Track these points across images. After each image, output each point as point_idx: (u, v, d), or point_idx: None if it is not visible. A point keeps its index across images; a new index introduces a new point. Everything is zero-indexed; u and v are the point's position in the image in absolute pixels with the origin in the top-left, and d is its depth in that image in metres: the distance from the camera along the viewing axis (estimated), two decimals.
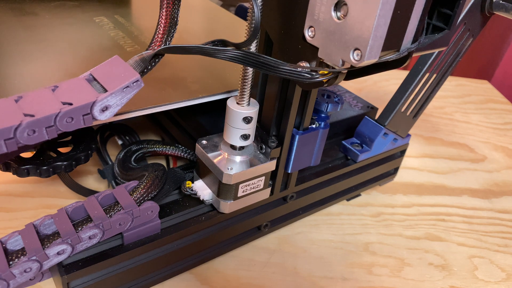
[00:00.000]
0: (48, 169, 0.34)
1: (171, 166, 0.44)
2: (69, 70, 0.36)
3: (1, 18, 0.43)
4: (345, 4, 0.21)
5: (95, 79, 0.25)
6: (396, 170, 0.49)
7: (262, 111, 0.33)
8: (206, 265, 0.36)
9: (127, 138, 0.42)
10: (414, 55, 0.27)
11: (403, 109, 0.42)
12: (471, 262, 0.41)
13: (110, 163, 0.42)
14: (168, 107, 0.32)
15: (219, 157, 0.32)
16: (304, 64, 0.25)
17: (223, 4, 0.64)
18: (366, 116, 0.43)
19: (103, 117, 0.24)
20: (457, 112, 0.70)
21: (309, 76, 0.23)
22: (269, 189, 0.35)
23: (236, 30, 0.50)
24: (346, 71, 0.23)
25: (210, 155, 0.32)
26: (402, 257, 0.40)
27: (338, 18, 0.22)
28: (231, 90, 0.36)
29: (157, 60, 0.26)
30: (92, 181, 0.43)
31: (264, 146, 0.33)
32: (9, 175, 0.36)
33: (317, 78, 0.23)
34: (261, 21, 0.25)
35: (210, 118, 0.41)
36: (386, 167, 0.46)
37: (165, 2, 0.27)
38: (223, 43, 0.26)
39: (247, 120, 0.30)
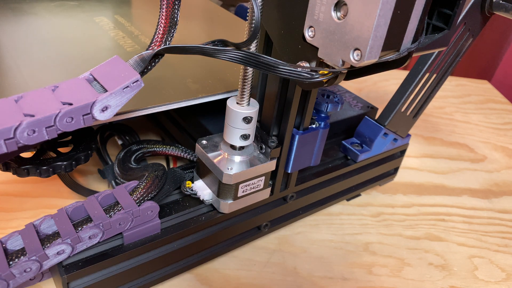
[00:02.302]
0: (48, 169, 0.34)
1: (171, 166, 0.44)
2: (69, 70, 0.36)
3: (1, 18, 0.43)
4: (345, 4, 0.21)
5: (95, 79, 0.25)
6: (396, 170, 0.49)
7: (262, 111, 0.33)
8: (206, 265, 0.36)
9: (127, 138, 0.42)
10: (414, 55, 0.27)
11: (403, 109, 0.42)
12: (471, 262, 0.41)
13: (110, 163, 0.42)
14: (168, 107, 0.32)
15: (219, 157, 0.32)
16: (304, 64, 0.25)
17: (223, 4, 0.64)
18: (366, 116, 0.43)
19: (103, 117, 0.24)
20: (457, 112, 0.70)
21: (309, 76, 0.23)
22: (269, 189, 0.35)
23: (236, 30, 0.50)
24: (346, 71, 0.23)
25: (210, 155, 0.32)
26: (402, 257, 0.40)
27: (338, 18, 0.22)
28: (231, 90, 0.36)
29: (157, 60, 0.26)
30: (92, 181, 0.43)
31: (264, 146, 0.33)
32: (9, 175, 0.36)
33: (317, 78, 0.23)
34: (261, 21, 0.25)
35: (210, 118, 0.41)
36: (386, 167, 0.46)
37: (165, 2, 0.27)
38: (223, 43, 0.26)
39: (247, 120, 0.30)
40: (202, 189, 0.34)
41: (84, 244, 0.27)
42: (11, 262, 0.25)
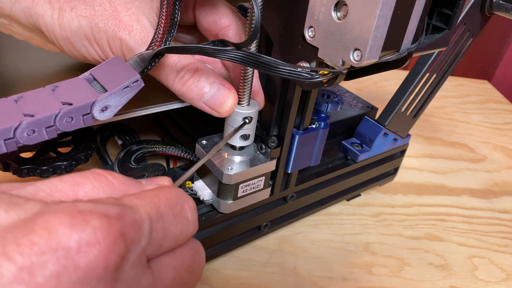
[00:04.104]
0: (48, 169, 0.34)
1: (171, 166, 0.44)
2: (69, 70, 0.36)
3: None
4: (345, 4, 0.21)
5: (95, 79, 0.25)
6: (396, 170, 0.49)
7: (262, 111, 0.33)
8: (206, 265, 0.36)
9: (127, 138, 0.42)
10: (414, 55, 0.27)
11: (403, 109, 0.42)
12: (471, 262, 0.41)
13: (110, 163, 0.42)
14: (168, 107, 0.32)
15: (219, 157, 0.32)
16: (304, 64, 0.25)
17: None
18: (366, 116, 0.43)
19: (103, 117, 0.24)
20: (457, 112, 0.70)
21: (309, 76, 0.23)
22: (269, 189, 0.35)
23: None
24: (346, 71, 0.23)
25: None
26: (402, 257, 0.40)
27: (338, 18, 0.22)
28: None
29: (157, 60, 0.26)
30: None
31: (264, 146, 0.33)
32: (9, 175, 0.36)
33: (317, 78, 0.23)
34: (261, 21, 0.25)
35: (210, 118, 0.41)
36: (386, 167, 0.46)
37: (165, 2, 0.27)
38: (223, 43, 0.26)
39: (247, 120, 0.30)
40: (202, 189, 0.34)
41: None
42: None
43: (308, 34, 0.24)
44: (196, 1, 0.30)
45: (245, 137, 0.31)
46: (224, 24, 0.30)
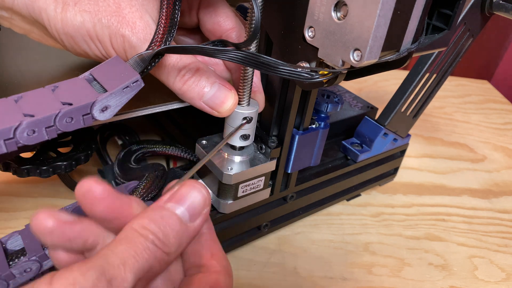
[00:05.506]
0: (48, 169, 0.34)
1: (171, 166, 0.44)
2: (69, 70, 0.36)
3: None
4: (345, 5, 0.21)
5: (95, 79, 0.25)
6: (396, 170, 0.49)
7: (262, 111, 0.33)
8: None
9: (127, 138, 0.42)
10: (414, 55, 0.27)
11: (403, 109, 0.42)
12: (471, 262, 0.41)
13: (110, 163, 0.42)
14: (168, 107, 0.32)
15: (219, 157, 0.32)
16: (304, 64, 0.25)
17: None
18: (366, 116, 0.43)
19: (103, 117, 0.24)
20: (457, 112, 0.70)
21: (309, 76, 0.23)
22: (269, 189, 0.35)
23: None
24: (346, 71, 0.23)
25: None
26: (402, 257, 0.40)
27: (338, 19, 0.22)
28: None
29: (157, 60, 0.26)
30: None
31: (264, 146, 0.33)
32: (9, 175, 0.36)
33: (317, 78, 0.23)
34: (261, 21, 0.25)
35: (210, 118, 0.41)
36: (386, 167, 0.46)
37: (165, 2, 0.27)
38: (223, 43, 0.26)
39: (247, 120, 0.30)
40: None
41: None
42: (11, 263, 0.25)
43: (308, 34, 0.24)
44: (201, 3, 0.30)
45: (245, 137, 0.31)
46: (229, 26, 0.30)
